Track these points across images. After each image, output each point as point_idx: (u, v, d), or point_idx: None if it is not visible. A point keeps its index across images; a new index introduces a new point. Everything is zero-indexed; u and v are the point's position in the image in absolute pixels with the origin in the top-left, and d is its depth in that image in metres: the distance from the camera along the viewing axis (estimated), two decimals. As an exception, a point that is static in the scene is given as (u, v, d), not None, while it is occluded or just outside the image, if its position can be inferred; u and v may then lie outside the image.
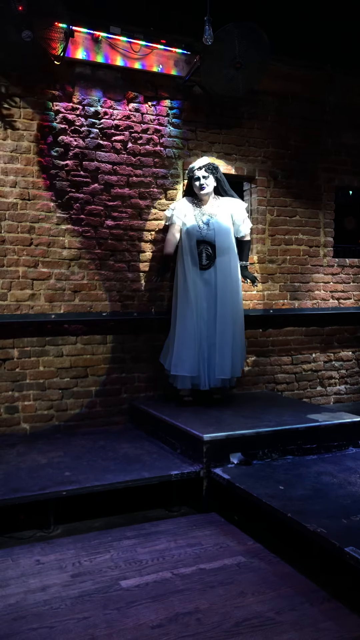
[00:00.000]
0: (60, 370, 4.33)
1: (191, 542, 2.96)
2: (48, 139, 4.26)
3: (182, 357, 4.27)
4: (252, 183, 5.12)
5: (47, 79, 4.22)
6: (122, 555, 2.82)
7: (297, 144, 5.20)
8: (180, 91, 4.71)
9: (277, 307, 5.14)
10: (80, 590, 2.50)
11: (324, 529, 2.50)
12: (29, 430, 4.23)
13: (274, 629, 2.18)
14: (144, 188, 4.60)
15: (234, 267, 4.43)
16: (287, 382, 5.25)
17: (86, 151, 4.39)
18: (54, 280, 4.30)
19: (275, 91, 5.03)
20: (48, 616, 2.30)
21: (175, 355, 4.29)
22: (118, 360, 4.54)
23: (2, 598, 2.44)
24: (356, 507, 2.79)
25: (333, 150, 5.37)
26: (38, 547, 2.94)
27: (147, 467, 3.44)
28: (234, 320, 4.37)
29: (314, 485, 3.10)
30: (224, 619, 2.24)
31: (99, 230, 4.45)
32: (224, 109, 4.87)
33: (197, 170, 4.38)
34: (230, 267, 4.40)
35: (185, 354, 4.26)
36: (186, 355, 4.26)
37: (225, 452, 3.48)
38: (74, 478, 3.25)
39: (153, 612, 2.31)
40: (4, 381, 4.16)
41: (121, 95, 4.51)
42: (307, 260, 5.29)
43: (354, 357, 5.58)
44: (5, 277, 4.14)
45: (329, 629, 2.18)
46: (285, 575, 2.60)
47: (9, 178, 4.14)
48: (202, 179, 4.36)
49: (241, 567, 2.69)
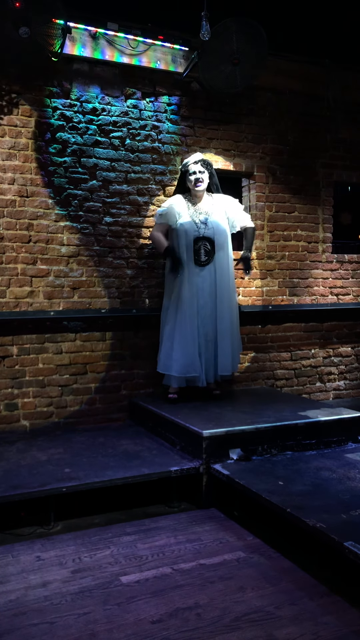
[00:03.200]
0: (59, 367, 4.33)
1: (191, 537, 2.97)
2: (46, 136, 4.25)
3: (178, 357, 4.20)
4: (250, 179, 5.11)
5: (44, 76, 4.22)
6: (122, 551, 2.83)
7: (295, 140, 5.19)
8: (178, 87, 4.70)
9: (276, 303, 5.14)
10: (80, 586, 2.51)
11: (323, 524, 2.51)
12: (29, 427, 4.24)
13: (274, 624, 2.18)
14: (142, 184, 4.60)
15: (230, 263, 4.43)
16: (286, 378, 5.26)
17: (84, 148, 4.38)
18: (52, 277, 4.30)
19: (273, 87, 5.02)
20: (48, 612, 2.31)
21: (170, 356, 4.23)
22: (117, 357, 4.54)
23: (3, 594, 2.45)
24: (355, 502, 2.79)
25: (331, 146, 5.36)
26: (38, 543, 2.95)
27: (147, 463, 3.44)
28: (231, 316, 4.37)
29: (313, 481, 3.11)
30: (223, 614, 2.25)
31: (97, 227, 4.44)
32: (222, 105, 4.86)
33: (193, 165, 4.28)
34: (228, 263, 4.40)
35: (183, 354, 4.20)
36: (184, 354, 4.20)
37: (224, 448, 3.48)
38: (74, 474, 3.26)
39: (153, 607, 2.32)
40: (4, 378, 4.16)
41: (119, 91, 4.50)
42: (306, 256, 5.29)
43: (353, 353, 5.58)
44: (4, 274, 4.14)
45: (329, 623, 2.19)
46: (285, 570, 2.61)
47: (7, 175, 4.13)
48: (198, 174, 4.25)
49: (241, 562, 2.70)
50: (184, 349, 4.21)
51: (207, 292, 4.31)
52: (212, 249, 4.33)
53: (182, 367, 4.22)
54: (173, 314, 4.29)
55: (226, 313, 4.33)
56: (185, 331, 4.23)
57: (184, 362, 4.21)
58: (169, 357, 4.26)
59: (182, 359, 4.21)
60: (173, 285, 4.32)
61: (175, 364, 4.23)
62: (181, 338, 4.23)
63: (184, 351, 4.21)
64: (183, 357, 4.21)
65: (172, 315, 4.30)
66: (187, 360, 4.21)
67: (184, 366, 4.22)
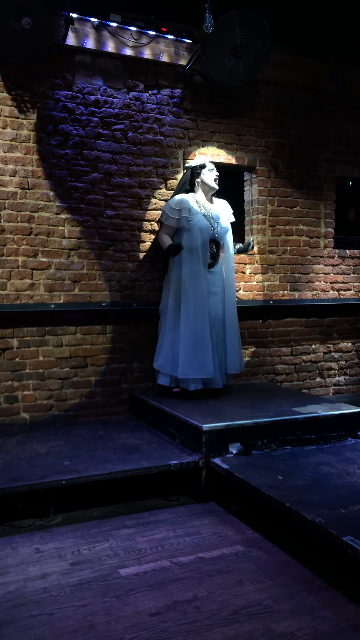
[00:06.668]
0: (59, 360, 4.33)
1: (190, 531, 2.98)
2: (48, 128, 4.23)
3: (197, 359, 4.12)
4: (252, 173, 5.10)
5: (47, 67, 4.20)
6: (121, 544, 2.84)
7: (298, 134, 5.17)
8: (181, 80, 4.68)
9: (277, 298, 5.14)
10: (79, 578, 2.51)
11: (322, 519, 2.52)
12: (29, 419, 4.24)
13: (272, 617, 2.19)
14: (144, 177, 4.58)
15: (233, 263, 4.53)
16: (286, 373, 5.26)
17: (86, 140, 4.36)
18: (53, 269, 4.29)
19: (276, 80, 5.00)
20: (47, 603, 2.31)
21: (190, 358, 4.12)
22: (118, 351, 4.54)
23: (2, 585, 2.45)
24: (354, 497, 2.80)
25: (334, 141, 5.34)
26: (37, 535, 2.95)
27: (147, 457, 3.45)
28: (234, 316, 4.42)
29: (312, 476, 3.11)
30: (222, 607, 2.26)
31: (98, 220, 4.43)
32: (225, 98, 4.84)
33: (209, 163, 4.39)
34: (231, 264, 4.49)
35: (201, 356, 4.13)
36: (202, 357, 4.13)
37: (224, 442, 3.48)
38: (74, 467, 3.26)
39: (152, 600, 2.32)
40: (4, 371, 4.16)
41: (121, 83, 4.48)
42: (307, 251, 5.28)
43: (353, 349, 5.58)
44: (5, 267, 4.13)
45: (327, 617, 2.19)
46: (284, 564, 2.62)
47: (8, 167, 4.12)
48: (216, 171, 4.38)
49: (239, 556, 2.70)
50: (202, 352, 4.14)
51: (217, 293, 4.35)
52: (217, 251, 4.38)
53: (200, 370, 4.14)
54: (186, 316, 4.18)
55: (232, 314, 4.39)
56: (202, 334, 4.16)
57: (201, 364, 4.14)
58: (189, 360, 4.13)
59: (199, 361, 4.13)
60: (186, 287, 4.21)
61: (194, 366, 4.14)
62: (198, 341, 4.14)
63: (201, 353, 4.14)
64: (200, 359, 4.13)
65: (185, 318, 4.18)
66: (204, 362, 4.14)
67: (201, 368, 4.14)
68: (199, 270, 4.24)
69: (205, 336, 4.19)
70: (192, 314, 4.19)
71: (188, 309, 4.20)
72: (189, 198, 4.33)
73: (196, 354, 4.15)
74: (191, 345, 4.15)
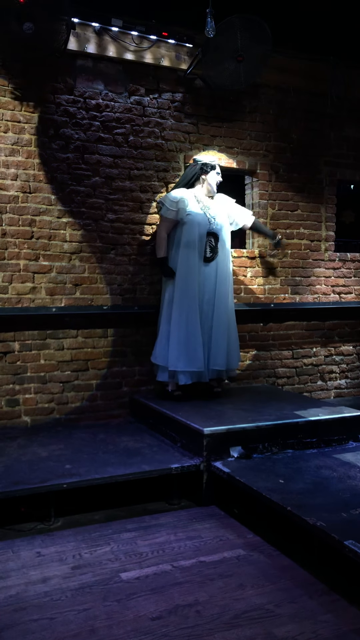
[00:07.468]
0: (61, 363, 4.34)
1: (191, 535, 2.97)
2: (49, 132, 4.24)
3: (187, 352, 4.17)
4: (253, 177, 5.10)
5: (48, 72, 4.21)
6: (122, 547, 2.84)
7: (299, 138, 5.18)
8: (182, 84, 4.69)
9: (278, 301, 5.14)
10: (80, 582, 2.51)
11: (323, 523, 2.51)
12: (30, 423, 4.24)
13: (273, 621, 2.19)
14: (145, 181, 4.59)
15: (230, 260, 4.49)
16: (287, 376, 5.26)
17: (87, 144, 4.37)
18: (55, 273, 4.29)
19: (277, 84, 5.01)
20: (48, 607, 2.31)
21: (179, 350, 4.18)
22: (119, 354, 4.54)
23: (3, 589, 2.45)
24: (356, 501, 2.79)
25: (335, 144, 5.35)
26: (39, 539, 2.95)
27: (148, 460, 3.45)
28: (227, 312, 4.39)
29: (314, 479, 3.11)
30: (223, 611, 2.26)
31: (100, 224, 4.44)
32: (225, 102, 4.85)
33: (218, 167, 4.43)
34: (228, 261, 4.45)
35: (192, 349, 4.18)
36: (193, 349, 4.18)
37: (225, 446, 3.48)
38: (75, 471, 3.26)
39: (153, 604, 2.32)
40: (5, 374, 4.17)
41: (122, 88, 4.49)
42: (308, 254, 5.28)
43: (354, 352, 5.58)
44: (6, 270, 4.14)
45: (328, 622, 2.19)
46: (285, 568, 2.61)
47: (10, 171, 4.13)
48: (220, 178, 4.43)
49: (241, 560, 2.70)
50: (193, 345, 4.19)
51: (210, 288, 4.33)
52: (216, 245, 4.35)
53: (189, 362, 4.19)
54: (178, 309, 4.24)
55: (222, 310, 4.35)
56: (193, 327, 4.20)
57: (191, 357, 4.18)
58: (178, 352, 4.19)
59: (190, 354, 4.18)
60: (180, 280, 4.25)
61: (183, 359, 4.19)
62: (189, 333, 4.20)
63: (193, 347, 4.19)
64: (191, 353, 4.18)
65: (177, 310, 4.24)
66: (195, 356, 4.18)
67: (191, 361, 4.18)
68: (194, 264, 4.25)
69: (196, 329, 4.21)
70: (184, 307, 4.22)
71: (181, 303, 4.23)
72: (188, 194, 4.34)
73: (187, 346, 4.18)
74: (182, 338, 4.19)
